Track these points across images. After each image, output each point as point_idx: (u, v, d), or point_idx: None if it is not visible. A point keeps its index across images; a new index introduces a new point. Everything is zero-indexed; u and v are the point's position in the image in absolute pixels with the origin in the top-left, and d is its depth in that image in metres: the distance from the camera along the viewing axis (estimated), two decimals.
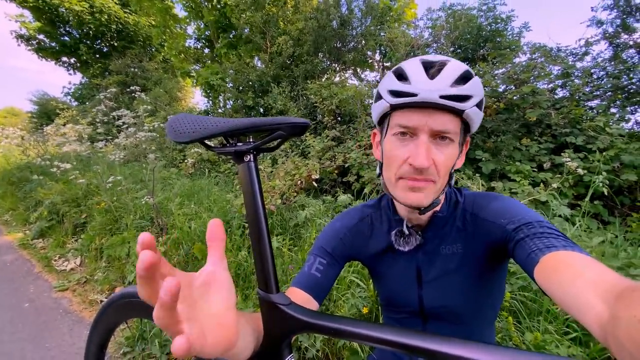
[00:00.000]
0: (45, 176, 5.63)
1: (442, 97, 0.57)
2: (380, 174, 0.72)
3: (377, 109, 0.68)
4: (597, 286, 0.39)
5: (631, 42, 4.38)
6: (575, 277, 0.43)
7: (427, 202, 0.64)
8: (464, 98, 0.58)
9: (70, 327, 2.59)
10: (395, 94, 0.61)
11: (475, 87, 0.59)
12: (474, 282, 0.72)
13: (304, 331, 0.50)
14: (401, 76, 0.62)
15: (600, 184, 2.33)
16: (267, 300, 0.51)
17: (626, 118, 4.04)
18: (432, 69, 0.60)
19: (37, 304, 2.94)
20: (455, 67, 0.60)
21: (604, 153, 3.13)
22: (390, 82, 0.63)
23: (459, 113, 0.59)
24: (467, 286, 0.72)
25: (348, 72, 8.87)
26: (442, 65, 0.60)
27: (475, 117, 0.61)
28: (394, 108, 0.63)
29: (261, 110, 8.21)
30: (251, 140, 0.54)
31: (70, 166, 4.31)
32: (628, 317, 0.30)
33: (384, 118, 0.68)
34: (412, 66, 0.62)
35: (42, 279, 3.45)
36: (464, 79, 0.59)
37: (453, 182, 0.69)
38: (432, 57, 0.62)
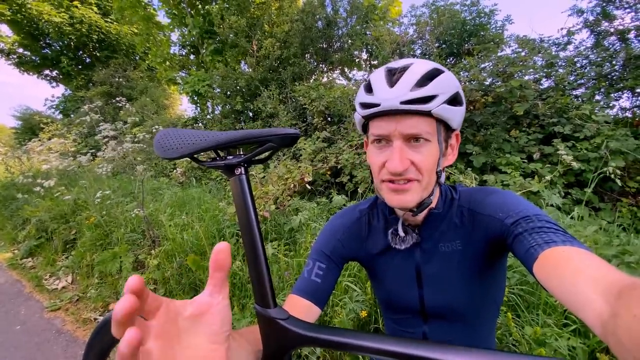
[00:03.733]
0: (30, 194, 5.50)
1: (402, 102, 0.57)
2: (372, 179, 0.73)
3: (356, 120, 0.71)
4: (597, 283, 0.39)
5: (612, 30, 4.46)
6: (576, 273, 0.42)
7: (413, 202, 0.64)
8: (427, 99, 0.58)
9: (64, 348, 2.52)
10: (364, 105, 0.63)
11: (441, 86, 0.59)
12: (474, 278, 0.71)
13: (304, 345, 0.49)
14: (369, 87, 0.64)
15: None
16: (264, 315, 0.50)
17: (610, 105, 4.12)
18: (394, 76, 0.61)
19: (29, 326, 2.86)
20: (417, 69, 0.60)
21: (593, 140, 3.18)
22: (360, 94, 0.66)
23: (426, 114, 0.59)
24: (468, 283, 0.71)
25: (335, 72, 8.88)
26: (404, 70, 0.61)
27: (448, 114, 0.61)
28: (367, 118, 0.66)
29: (250, 114, 8.16)
30: (241, 152, 0.52)
31: (55, 183, 4.20)
32: (628, 316, 0.30)
33: (365, 128, 0.71)
34: (377, 76, 0.63)
35: (33, 300, 3.36)
36: (427, 79, 0.59)
37: (443, 179, 0.68)
38: (397, 62, 0.63)
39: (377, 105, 0.60)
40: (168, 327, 0.31)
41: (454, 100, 0.62)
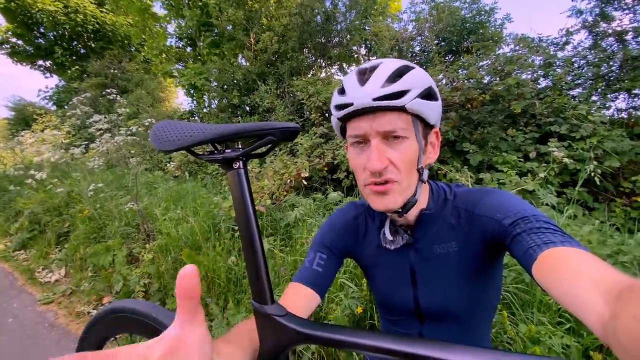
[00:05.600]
0: (23, 186, 5.44)
1: (374, 99, 0.58)
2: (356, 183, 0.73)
3: (334, 125, 0.71)
4: (597, 284, 0.39)
5: (610, 31, 4.47)
6: (575, 275, 0.42)
7: (397, 204, 0.63)
8: (399, 94, 0.58)
9: (57, 341, 2.51)
10: (338, 107, 0.64)
11: (412, 81, 0.59)
12: (470, 280, 0.70)
13: (301, 343, 0.48)
14: (342, 90, 0.65)
15: (592, 174, 2.38)
16: (261, 312, 0.50)
17: (607, 105, 4.14)
18: (365, 75, 0.61)
19: (22, 319, 2.84)
20: (386, 67, 0.61)
21: (587, 141, 3.20)
22: (335, 97, 0.66)
23: (400, 109, 0.59)
24: (464, 284, 0.71)
25: (334, 67, 8.83)
26: (374, 68, 0.61)
27: (423, 108, 0.60)
28: (343, 120, 0.66)
29: (247, 108, 8.10)
30: (240, 146, 0.51)
31: (47, 175, 4.15)
32: (628, 317, 0.30)
33: (343, 131, 0.70)
34: (349, 78, 0.64)
35: (25, 292, 3.33)
36: (397, 75, 0.60)
37: (425, 177, 0.67)
38: (368, 63, 0.63)
39: (351, 104, 0.60)
40: None
41: (427, 95, 0.62)
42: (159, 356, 0.28)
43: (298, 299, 0.66)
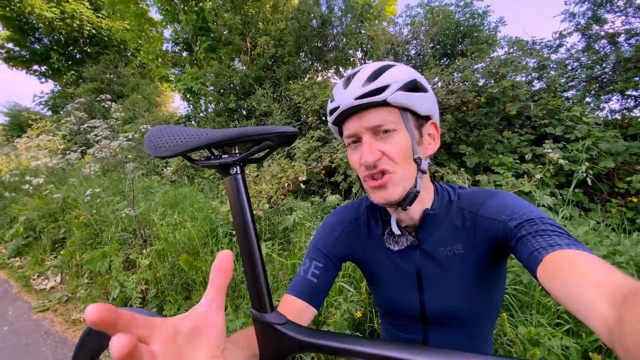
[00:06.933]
0: (18, 192, 5.38)
1: (356, 98, 0.61)
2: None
3: (332, 131, 0.76)
4: (602, 288, 0.38)
5: (602, 33, 4.53)
6: (580, 278, 0.42)
7: (396, 195, 0.64)
8: (380, 90, 0.61)
9: (53, 349, 2.47)
10: (330, 113, 0.69)
11: (391, 76, 0.62)
12: (477, 283, 0.69)
13: (302, 351, 0.47)
14: (332, 97, 0.69)
15: (584, 174, 2.39)
16: (261, 320, 0.48)
17: (601, 107, 4.18)
18: (349, 80, 0.65)
19: (17, 327, 2.80)
20: (367, 68, 0.64)
21: (582, 142, 3.22)
22: (328, 105, 0.71)
23: (384, 104, 0.61)
24: (470, 287, 0.70)
25: (330, 71, 8.86)
26: (356, 72, 0.65)
27: (408, 100, 0.62)
28: (337, 124, 0.71)
29: (244, 112, 8.11)
30: (237, 151, 0.50)
31: (43, 180, 4.11)
32: (634, 321, 0.30)
33: (341, 136, 0.74)
34: (337, 85, 0.69)
35: (21, 300, 3.28)
36: (378, 74, 0.63)
37: (425, 167, 0.67)
38: (355, 69, 0.68)
39: (337, 107, 0.65)
40: (168, 348, 0.29)
41: (413, 88, 0.64)
42: (188, 330, 0.31)
43: (291, 313, 0.64)
